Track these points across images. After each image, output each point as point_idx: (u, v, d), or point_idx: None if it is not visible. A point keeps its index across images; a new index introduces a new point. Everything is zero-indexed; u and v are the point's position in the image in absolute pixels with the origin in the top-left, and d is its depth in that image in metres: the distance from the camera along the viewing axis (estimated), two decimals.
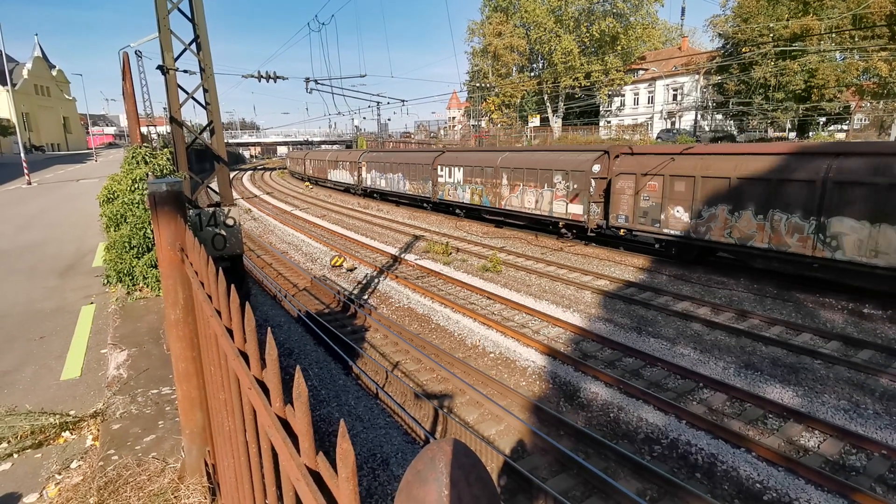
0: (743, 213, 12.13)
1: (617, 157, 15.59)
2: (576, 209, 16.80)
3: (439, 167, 24.06)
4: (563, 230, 17.66)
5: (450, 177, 23.37)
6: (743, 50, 38.05)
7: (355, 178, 33.55)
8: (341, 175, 36.04)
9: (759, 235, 11.89)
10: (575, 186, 16.77)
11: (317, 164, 41.85)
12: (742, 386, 7.55)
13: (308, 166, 44.75)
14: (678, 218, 13.59)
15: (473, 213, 22.77)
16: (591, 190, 16.08)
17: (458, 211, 23.67)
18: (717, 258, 14.19)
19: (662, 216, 13.96)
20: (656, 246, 14.88)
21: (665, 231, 13.98)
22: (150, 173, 7.11)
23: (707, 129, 46.03)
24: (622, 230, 15.25)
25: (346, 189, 36.09)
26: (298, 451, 0.94)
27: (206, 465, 2.70)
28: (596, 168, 15.99)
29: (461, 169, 22.55)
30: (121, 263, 6.55)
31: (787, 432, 6.50)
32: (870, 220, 10.06)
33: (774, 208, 11.54)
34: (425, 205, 26.32)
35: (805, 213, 11.04)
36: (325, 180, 39.30)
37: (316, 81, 25.56)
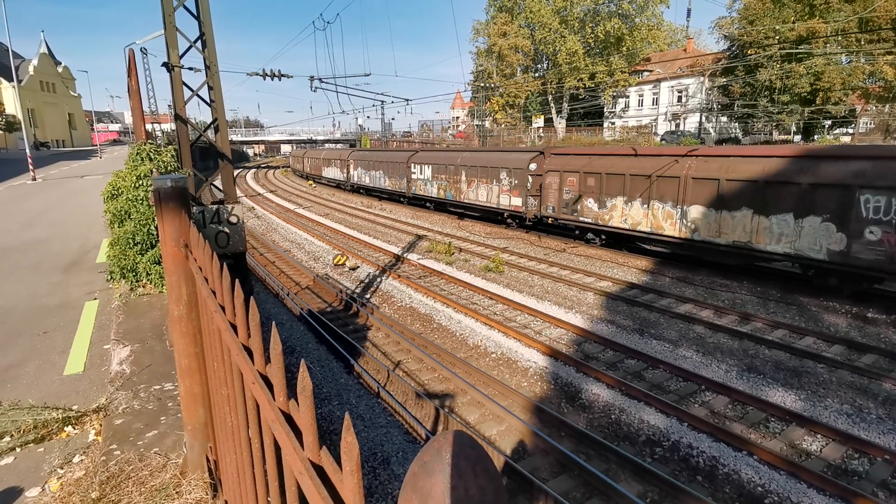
0: (634, 203, 14.87)
1: (547, 156, 18.30)
2: (517, 201, 19.42)
3: (412, 165, 26.76)
4: (509, 220, 20.32)
5: (421, 174, 26.05)
6: (748, 52, 37.91)
7: (344, 175, 36.13)
8: (333, 172, 38.59)
9: (644, 221, 14.62)
10: (515, 182, 19.40)
11: (313, 162, 44.37)
12: (744, 389, 7.53)
13: (306, 164, 47.33)
14: (590, 208, 16.33)
15: (441, 206, 25.42)
16: (528, 185, 18.71)
17: (428, 204, 26.26)
18: (630, 244, 16.16)
19: (579, 206, 16.67)
20: (576, 232, 17.38)
21: (581, 219, 16.70)
22: (154, 170, 7.14)
23: (712, 131, 45.92)
24: (550, 219, 17.89)
25: (338, 185, 38.33)
26: (302, 445, 0.94)
27: (208, 460, 2.71)
28: (532, 166, 18.61)
29: (430, 167, 25.19)
30: (124, 259, 6.58)
31: (790, 436, 6.48)
32: (715, 208, 12.80)
33: (654, 199, 14.26)
34: (402, 199, 28.72)
35: (674, 203, 13.78)
36: (320, 177, 41.79)
37: (320, 80, 25.59)
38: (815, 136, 39.37)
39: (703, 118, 46.02)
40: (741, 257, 12.66)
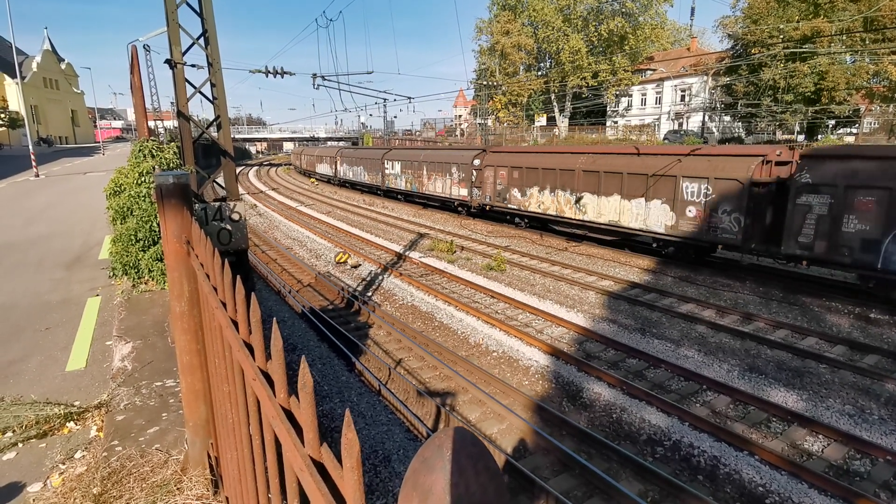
0: (545, 192, 17.96)
1: (487, 154, 21.74)
2: (464, 192, 22.64)
3: (386, 162, 29.89)
4: (459, 208, 23.56)
5: (392, 169, 29.15)
6: (752, 51, 37.77)
7: (333, 171, 39.50)
8: (324, 168, 41.90)
9: (552, 207, 17.72)
10: (463, 176, 22.55)
11: (308, 160, 48.01)
12: (746, 389, 7.51)
13: (303, 161, 50.68)
14: (515, 197, 19.37)
15: (409, 197, 28.34)
16: (473, 178, 21.89)
17: (399, 196, 29.43)
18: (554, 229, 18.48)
19: (507, 196, 19.78)
20: (507, 217, 20.48)
21: (509, 206, 19.81)
22: (156, 167, 7.15)
23: (715, 130, 45.79)
24: (488, 206, 20.99)
25: (328, 180, 41.55)
26: (303, 442, 0.94)
27: (209, 457, 2.71)
28: (476, 162, 21.72)
29: (399, 163, 28.27)
30: (127, 256, 6.59)
31: (791, 436, 6.47)
32: (597, 195, 15.95)
33: (558, 188, 17.36)
34: (378, 192, 32.01)
35: (571, 191, 16.89)
36: (314, 172, 45.24)
37: (323, 77, 25.62)
38: (819, 136, 39.22)
39: (707, 117, 45.89)
40: (613, 233, 15.93)
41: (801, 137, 40.14)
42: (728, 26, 42.05)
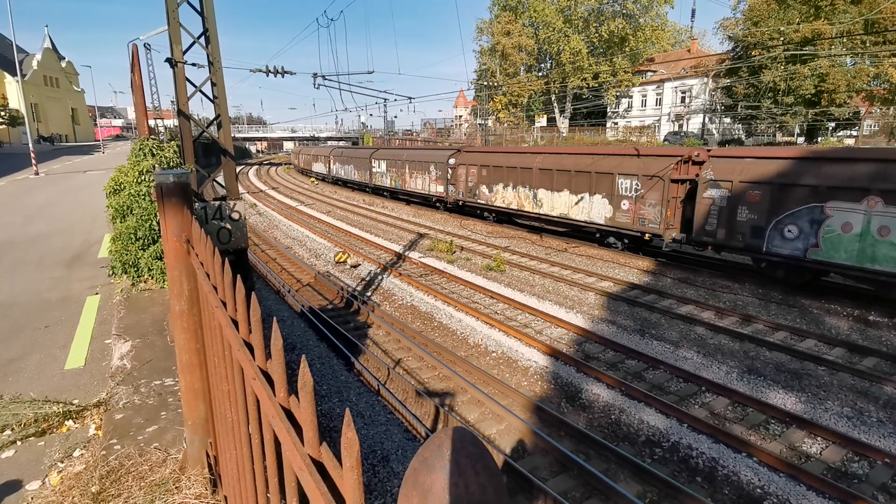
0: (508, 188, 19.65)
1: (461, 153, 23.51)
2: (440, 189, 24.18)
3: (373, 160, 31.49)
4: (437, 203, 25.21)
5: (379, 168, 30.83)
6: (753, 53, 37.79)
7: (327, 169, 41.17)
8: (319, 167, 43.64)
9: (515, 202, 19.45)
10: (440, 174, 24.11)
11: (306, 159, 50.01)
12: (745, 391, 7.52)
13: (301, 160, 52.58)
14: (484, 193, 21.15)
15: (394, 194, 30.01)
16: (449, 176, 23.38)
17: (385, 193, 31.09)
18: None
19: (477, 192, 21.53)
20: (478, 212, 22.23)
21: (478, 202, 21.60)
22: (156, 165, 7.14)
23: (715, 132, 45.81)
24: (461, 202, 22.80)
25: (322, 178, 43.20)
26: (302, 441, 0.94)
27: (208, 456, 2.71)
28: (451, 161, 23.10)
29: (385, 162, 29.98)
30: (126, 255, 6.59)
31: (790, 438, 6.47)
32: (551, 190, 17.67)
33: (519, 185, 19.06)
34: (367, 189, 33.55)
35: (530, 187, 18.51)
36: (311, 171, 47.03)
37: (324, 77, 25.63)
38: (819, 138, 39.24)
39: (707, 119, 45.92)
40: (564, 225, 17.92)
41: (801, 139, 40.18)
42: (728, 28, 42.10)
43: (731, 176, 12.20)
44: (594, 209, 16.04)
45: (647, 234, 14.60)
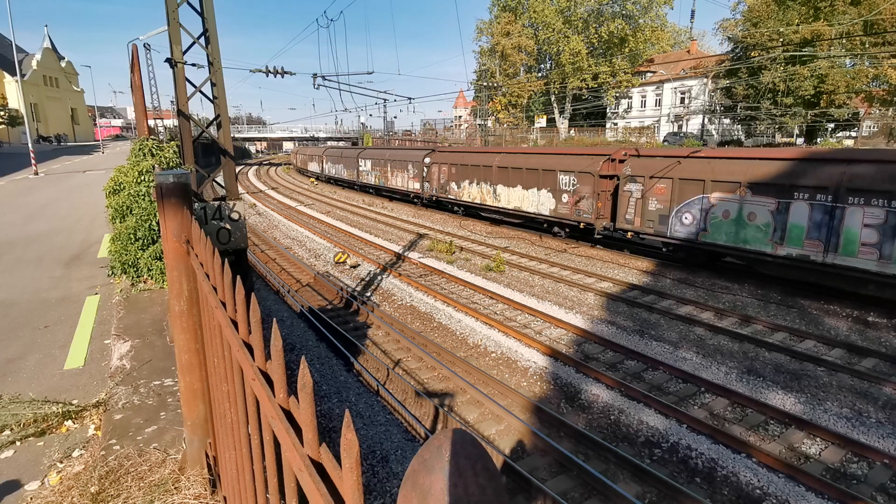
0: (473, 185, 21.81)
1: (435, 153, 25.65)
2: (417, 186, 26.26)
3: (360, 160, 33.69)
4: (415, 199, 27.19)
5: (365, 167, 32.94)
6: (752, 54, 37.82)
7: (320, 168, 43.10)
8: (314, 166, 45.71)
9: (478, 197, 21.56)
10: (416, 172, 26.05)
11: (302, 158, 52.19)
12: (744, 391, 7.52)
13: (298, 160, 54.83)
14: (454, 189, 23.17)
15: (378, 191, 32.20)
16: (424, 174, 25.23)
17: (370, 190, 33.22)
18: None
19: (448, 188, 23.51)
20: (449, 206, 24.18)
21: (449, 197, 23.63)
22: (156, 166, 7.14)
23: (714, 133, 45.83)
24: (435, 197, 24.55)
25: (316, 176, 44.92)
26: (301, 442, 0.94)
27: (207, 456, 2.71)
28: (427, 160, 25.08)
29: (370, 161, 32.17)
30: (126, 255, 6.58)
31: (789, 439, 6.48)
32: (507, 186, 19.70)
33: (482, 182, 21.25)
34: (354, 186, 35.71)
35: (490, 183, 20.63)
36: (307, 170, 49.21)
37: (323, 77, 25.68)
38: (818, 139, 39.27)
39: (706, 120, 45.94)
40: (518, 217, 19.74)
41: (800, 140, 40.21)
42: (728, 29, 42.14)
43: (644, 172, 14.27)
44: (541, 202, 18.16)
45: (582, 224, 16.65)
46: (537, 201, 18.29)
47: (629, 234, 14.91)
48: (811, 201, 10.92)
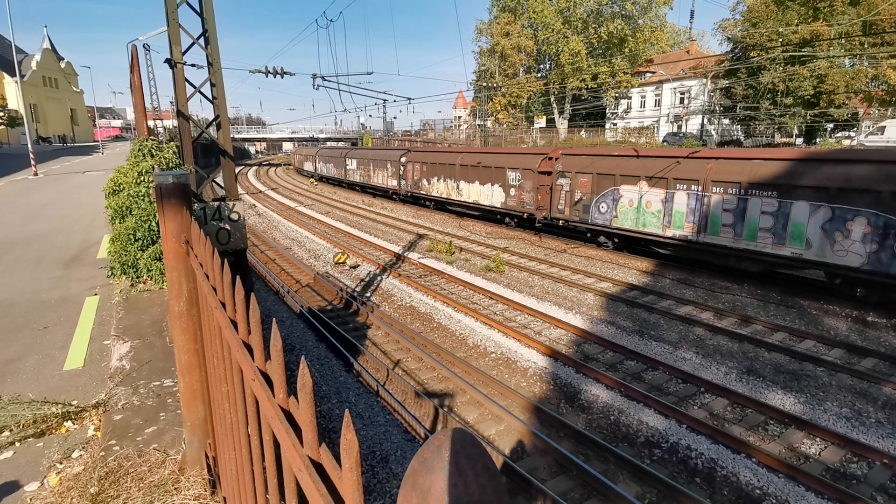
0: (441, 181, 24.11)
1: (410, 153, 28.01)
2: (395, 183, 28.72)
3: (347, 160, 36.38)
4: (392, 195, 29.61)
5: (351, 166, 35.53)
6: (752, 54, 37.84)
7: (314, 168, 45.45)
8: (309, 166, 47.76)
9: (445, 192, 23.81)
10: (394, 170, 28.57)
11: (299, 158, 54.51)
12: (744, 391, 7.52)
13: (295, 160, 57.23)
14: (425, 185, 25.59)
15: (362, 189, 34.58)
16: (401, 172, 27.65)
17: (356, 187, 35.69)
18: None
19: (420, 185, 26.05)
20: (422, 201, 26.50)
21: (421, 193, 25.88)
22: (156, 166, 7.14)
23: (714, 133, 45.83)
24: (410, 193, 27.03)
25: (311, 175, 46.88)
26: (301, 442, 0.94)
27: (207, 457, 2.71)
28: (403, 159, 27.50)
29: (355, 160, 34.79)
30: (125, 255, 6.58)
31: (789, 439, 6.48)
32: (468, 182, 22.02)
33: (447, 178, 23.49)
34: (342, 184, 38.31)
35: (454, 180, 22.99)
36: (303, 169, 51.33)
37: (323, 78, 25.72)
38: (818, 139, 39.28)
39: (706, 120, 45.95)
40: (477, 209, 21.98)
41: (799, 140, 40.22)
42: (727, 29, 42.16)
43: (572, 168, 16.57)
44: (494, 196, 20.54)
45: (525, 214, 18.87)
46: (491, 195, 20.68)
47: (561, 221, 17.11)
48: (688, 191, 13.28)
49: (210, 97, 10.20)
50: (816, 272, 12.00)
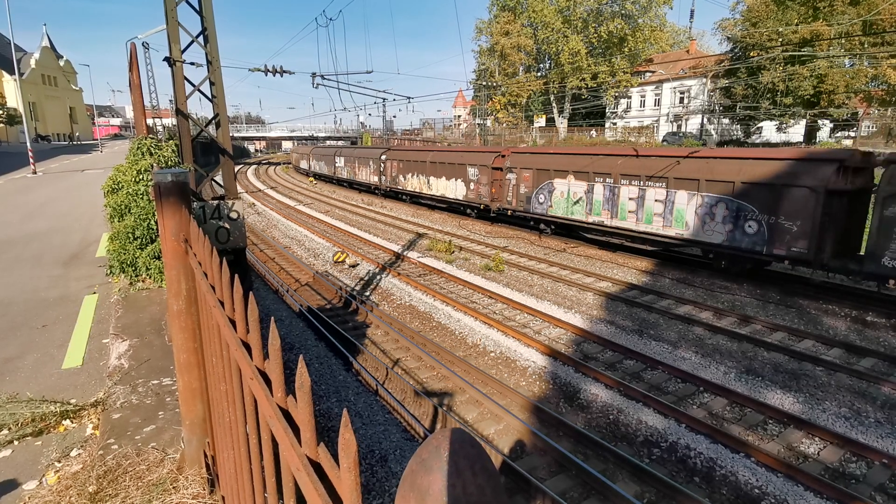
0: (415, 177, 26.39)
1: (390, 151, 30.65)
2: (376, 179, 31.24)
3: (336, 158, 39.03)
4: (375, 190, 32.24)
5: (340, 163, 38.20)
6: (751, 54, 37.82)
7: (308, 165, 48.03)
8: (304, 163, 50.09)
9: (418, 187, 26.18)
10: (375, 167, 31.19)
11: (296, 157, 57.14)
12: (743, 391, 7.53)
13: (294, 158, 59.71)
14: (402, 181, 27.84)
15: (349, 185, 37.47)
16: (381, 169, 30.14)
17: (344, 183, 38.60)
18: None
19: (398, 180, 28.28)
20: (399, 196, 29.02)
21: (398, 188, 28.41)
22: (154, 165, 7.13)
23: (714, 132, 45.82)
24: (388, 188, 29.62)
25: (305, 172, 49.22)
26: (300, 441, 0.94)
27: (206, 456, 2.71)
28: (383, 157, 30.05)
29: (343, 158, 37.64)
30: (124, 254, 6.57)
31: (787, 438, 6.48)
32: (436, 177, 24.38)
33: (420, 174, 25.85)
34: (332, 181, 41.14)
35: (425, 176, 25.32)
36: (299, 167, 53.47)
37: (322, 77, 25.72)
38: (817, 139, 39.29)
39: (705, 120, 45.94)
40: (444, 202, 24.47)
41: (798, 140, 40.21)
42: (727, 29, 42.12)
43: (518, 164, 18.73)
44: (457, 190, 22.93)
45: (482, 205, 21.32)
46: (455, 189, 23.09)
47: (510, 211, 19.33)
48: (603, 184, 15.50)
49: (209, 96, 10.19)
50: (695, 250, 14.19)
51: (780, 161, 11.63)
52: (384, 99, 57.50)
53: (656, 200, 13.99)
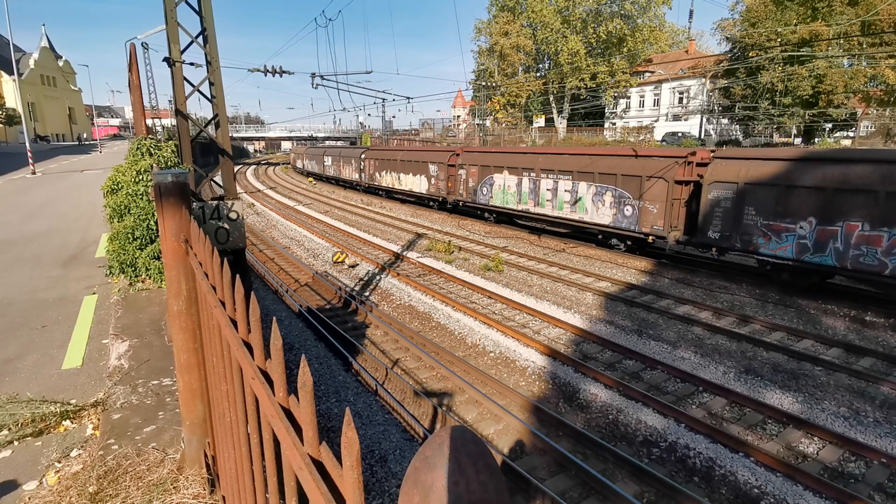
0: (389, 174, 28.91)
1: (369, 151, 33.31)
2: (357, 176, 34.18)
3: (325, 157, 41.68)
4: (356, 186, 35.04)
5: (328, 162, 40.83)
6: (750, 54, 37.85)
7: (301, 164, 50.96)
8: (299, 163, 52.32)
9: (391, 183, 28.69)
10: (356, 166, 33.87)
11: (293, 157, 59.01)
12: (742, 391, 7.54)
13: (292, 157, 61.39)
14: (378, 178, 30.61)
15: (337, 182, 39.84)
16: (361, 167, 33.04)
17: (332, 181, 41.02)
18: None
19: (376, 177, 30.91)
20: (377, 191, 31.82)
21: (375, 184, 31.11)
22: (154, 165, 7.13)
23: (713, 133, 45.84)
24: (367, 185, 32.45)
25: (300, 171, 51.61)
26: (302, 440, 0.94)
27: (206, 456, 2.71)
28: (363, 156, 32.96)
29: (331, 157, 40.21)
30: (124, 254, 6.56)
31: (787, 438, 6.49)
32: (406, 174, 26.89)
33: (393, 172, 28.24)
34: (322, 178, 43.36)
35: (396, 173, 27.59)
36: (296, 166, 55.16)
37: (322, 77, 25.79)
38: (816, 140, 39.32)
39: (705, 120, 45.97)
40: (411, 196, 27.03)
41: (797, 140, 40.26)
42: (726, 29, 42.16)
43: (467, 162, 21.48)
44: (421, 185, 25.39)
45: (441, 198, 23.95)
46: (419, 184, 25.58)
47: (461, 203, 22.16)
48: (527, 177, 18.36)
49: (209, 96, 10.19)
50: (594, 231, 16.54)
51: (647, 157, 14.64)
52: (384, 99, 57.48)
53: (565, 191, 16.91)
